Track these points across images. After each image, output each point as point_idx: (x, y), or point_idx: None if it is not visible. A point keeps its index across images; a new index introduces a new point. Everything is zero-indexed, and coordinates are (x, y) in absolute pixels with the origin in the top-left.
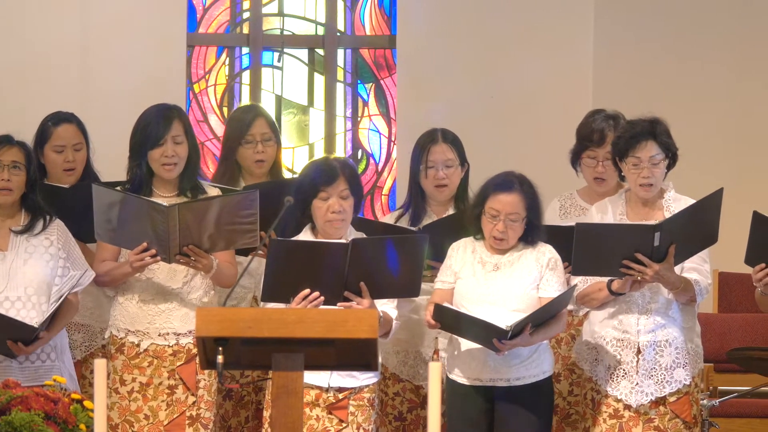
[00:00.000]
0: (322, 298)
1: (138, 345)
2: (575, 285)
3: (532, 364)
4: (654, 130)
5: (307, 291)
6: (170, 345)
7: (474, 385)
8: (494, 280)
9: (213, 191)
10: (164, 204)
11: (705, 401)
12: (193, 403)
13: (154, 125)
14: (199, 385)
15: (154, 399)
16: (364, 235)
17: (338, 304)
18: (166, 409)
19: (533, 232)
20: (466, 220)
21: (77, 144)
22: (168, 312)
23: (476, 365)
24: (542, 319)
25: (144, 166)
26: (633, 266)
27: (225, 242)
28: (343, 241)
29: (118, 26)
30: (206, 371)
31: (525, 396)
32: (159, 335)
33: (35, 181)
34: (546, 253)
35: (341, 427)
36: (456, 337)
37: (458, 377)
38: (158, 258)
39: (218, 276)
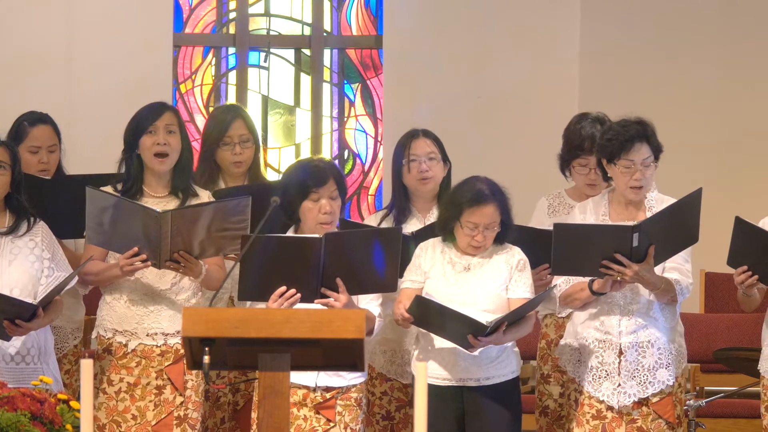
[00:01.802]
0: (299, 295)
1: (126, 345)
2: (552, 287)
3: (501, 364)
4: (646, 132)
5: (283, 288)
6: (158, 345)
7: (444, 385)
8: (464, 281)
9: (204, 194)
10: (157, 210)
11: (691, 401)
12: (181, 403)
13: (145, 114)
14: (186, 386)
15: (141, 399)
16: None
17: (315, 300)
18: (153, 410)
19: (505, 231)
20: (438, 231)
21: (52, 146)
22: (156, 312)
23: (447, 365)
24: (516, 318)
25: (135, 159)
26: (612, 266)
27: (215, 248)
28: (316, 236)
29: (104, 26)
30: (194, 371)
31: (495, 395)
32: (147, 335)
33: (20, 181)
34: (515, 254)
35: (329, 427)
36: (425, 337)
37: (428, 377)
38: (149, 263)
39: (207, 280)
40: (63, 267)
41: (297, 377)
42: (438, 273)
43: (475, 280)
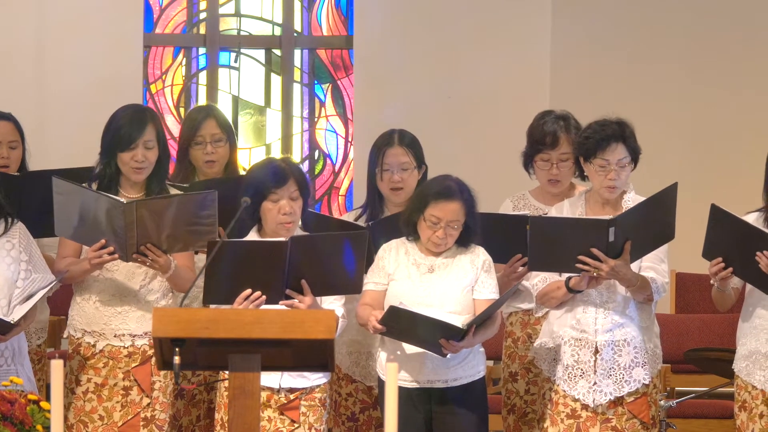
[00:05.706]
0: (264, 297)
1: (94, 346)
2: (518, 285)
3: (468, 364)
4: (623, 133)
5: (248, 291)
6: (125, 346)
7: (412, 387)
8: (430, 282)
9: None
10: (122, 200)
11: (662, 402)
12: (148, 404)
13: (126, 128)
14: (154, 387)
15: (108, 400)
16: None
17: (280, 302)
18: (120, 410)
19: (469, 235)
20: (401, 224)
21: (13, 141)
22: (124, 313)
23: (414, 367)
24: (485, 319)
25: (113, 165)
26: (588, 262)
27: (183, 243)
28: (282, 239)
29: (73, 26)
30: (162, 372)
31: (462, 396)
32: (115, 336)
33: None
34: (480, 255)
35: (293, 428)
36: (393, 341)
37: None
38: (116, 255)
39: (176, 278)
40: (40, 269)
41: (261, 379)
42: (403, 275)
43: (440, 282)
